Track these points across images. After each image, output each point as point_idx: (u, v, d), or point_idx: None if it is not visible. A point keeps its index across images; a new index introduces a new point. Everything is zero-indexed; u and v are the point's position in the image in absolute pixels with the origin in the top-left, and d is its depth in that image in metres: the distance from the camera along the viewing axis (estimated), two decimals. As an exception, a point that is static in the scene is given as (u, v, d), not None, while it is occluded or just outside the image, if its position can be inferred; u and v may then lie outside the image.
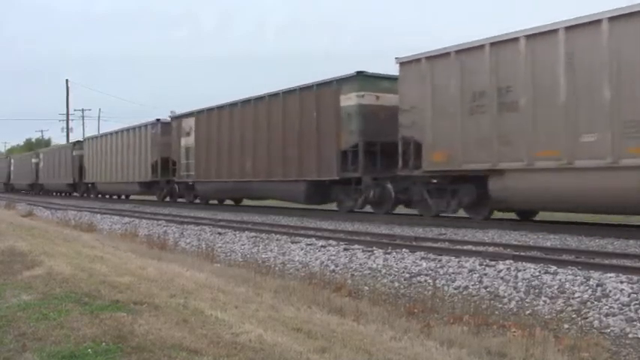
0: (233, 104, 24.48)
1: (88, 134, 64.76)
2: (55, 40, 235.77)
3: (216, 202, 28.33)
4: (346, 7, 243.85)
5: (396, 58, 16.82)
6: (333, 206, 20.78)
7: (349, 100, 18.29)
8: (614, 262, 8.96)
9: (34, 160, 51.65)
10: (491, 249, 10.73)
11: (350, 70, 18.86)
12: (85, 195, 42.08)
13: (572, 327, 6.83)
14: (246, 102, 23.59)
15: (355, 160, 18.03)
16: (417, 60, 16.15)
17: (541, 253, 10.17)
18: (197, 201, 28.20)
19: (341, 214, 19.26)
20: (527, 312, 7.46)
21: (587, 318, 6.97)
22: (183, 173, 27.69)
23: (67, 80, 63.70)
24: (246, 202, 28.50)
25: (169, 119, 29.70)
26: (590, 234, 12.35)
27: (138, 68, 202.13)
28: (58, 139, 78.11)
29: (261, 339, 4.93)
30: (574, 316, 7.10)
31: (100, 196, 40.06)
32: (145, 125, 32.20)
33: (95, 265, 8.90)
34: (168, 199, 31.09)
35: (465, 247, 11.07)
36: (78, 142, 44.75)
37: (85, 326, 5.10)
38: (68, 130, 65.77)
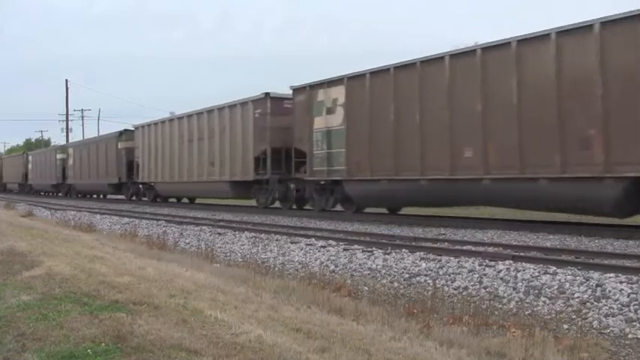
0: (430, 60, 15.63)
1: (87, 135, 64.70)
2: (55, 40, 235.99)
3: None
4: (345, 7, 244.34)
5: None
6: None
7: None
8: (614, 262, 8.96)
9: (59, 156, 43.65)
10: (490, 249, 10.73)
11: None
12: (134, 198, 33.50)
13: (572, 327, 6.83)
14: (466, 54, 14.90)
15: None
16: None
17: (540, 253, 10.17)
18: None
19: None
20: (527, 312, 7.47)
21: (586, 318, 6.97)
22: (318, 168, 19.13)
23: (66, 80, 63.60)
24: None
25: (290, 90, 20.59)
26: (589, 234, 12.34)
27: (138, 68, 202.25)
28: (58, 139, 78.00)
29: (260, 339, 4.93)
30: (574, 316, 7.10)
31: (157, 199, 31.22)
32: (244, 103, 22.78)
33: (94, 265, 8.89)
34: (277, 204, 22.50)
35: (465, 248, 11.07)
36: (125, 131, 34.40)
37: (85, 326, 5.09)
38: (68, 130, 65.72)
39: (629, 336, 6.43)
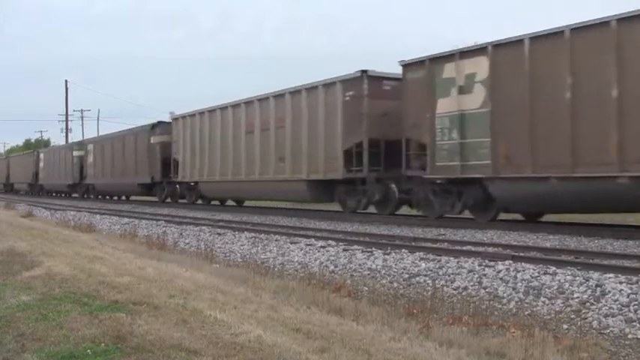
0: (637, 17, 11.66)
1: (87, 135, 64.63)
2: (55, 40, 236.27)
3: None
4: (345, 7, 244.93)
5: None
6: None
7: None
8: (614, 262, 8.97)
9: (76, 154, 40.02)
10: (490, 249, 10.73)
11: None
12: (169, 200, 29.51)
13: (572, 327, 6.83)
14: None
15: None
16: None
17: (540, 253, 10.18)
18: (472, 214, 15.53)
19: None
20: (527, 312, 7.47)
21: (586, 318, 6.97)
22: (444, 163, 15.22)
23: (66, 81, 63.66)
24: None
25: (400, 66, 16.45)
26: (589, 234, 12.35)
27: (138, 68, 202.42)
28: (58, 139, 77.98)
29: (260, 339, 4.93)
30: (573, 316, 7.10)
31: (199, 201, 27.44)
32: (329, 84, 18.66)
33: (94, 265, 8.89)
34: (371, 208, 18.40)
35: (464, 248, 11.08)
36: (160, 123, 29.95)
37: (85, 327, 5.09)
38: (67, 130, 65.73)
39: (629, 336, 6.44)
